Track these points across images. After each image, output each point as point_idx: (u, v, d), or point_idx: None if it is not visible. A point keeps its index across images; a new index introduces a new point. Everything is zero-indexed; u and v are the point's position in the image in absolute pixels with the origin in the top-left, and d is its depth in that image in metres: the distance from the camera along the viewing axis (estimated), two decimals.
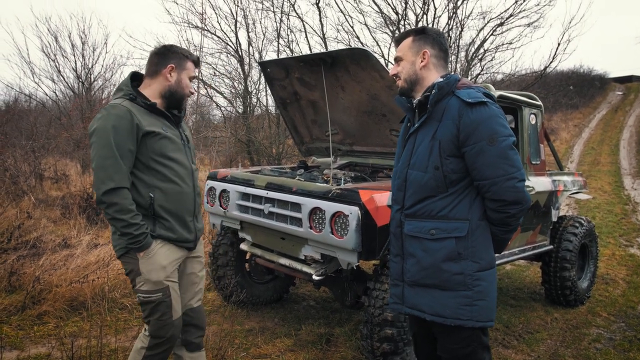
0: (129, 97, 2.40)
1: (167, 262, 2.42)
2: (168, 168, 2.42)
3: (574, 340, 4.12)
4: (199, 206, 2.63)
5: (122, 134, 2.28)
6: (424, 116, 2.06)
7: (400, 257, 2.16)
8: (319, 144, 4.58)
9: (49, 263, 4.66)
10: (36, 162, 9.32)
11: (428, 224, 2.04)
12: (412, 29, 2.22)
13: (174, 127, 2.53)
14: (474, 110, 1.93)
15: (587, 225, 5.06)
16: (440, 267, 2.01)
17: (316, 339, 3.88)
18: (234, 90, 9.99)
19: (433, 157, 2.00)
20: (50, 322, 3.96)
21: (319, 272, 3.40)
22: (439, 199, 2.02)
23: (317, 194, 3.25)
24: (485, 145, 1.91)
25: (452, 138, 1.96)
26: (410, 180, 2.09)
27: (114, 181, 2.25)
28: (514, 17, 10.27)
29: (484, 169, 1.94)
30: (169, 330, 2.45)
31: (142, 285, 2.39)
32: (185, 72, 2.49)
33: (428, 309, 2.06)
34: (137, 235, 2.30)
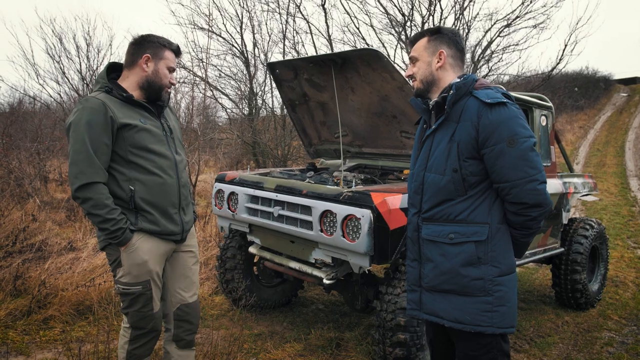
0: (105, 90, 2.36)
1: (150, 255, 2.40)
2: (148, 160, 2.38)
3: (586, 344, 4.07)
4: (186, 198, 2.59)
5: (95, 128, 2.24)
6: (441, 117, 2.02)
7: (417, 261, 2.12)
8: (327, 146, 4.54)
9: (54, 266, 4.61)
10: (41, 164, 9.30)
11: (447, 228, 2.00)
12: (428, 29, 2.17)
13: (154, 118, 2.47)
14: (493, 111, 1.89)
15: (597, 228, 5.01)
16: (459, 272, 1.97)
17: (326, 344, 3.83)
18: (239, 92, 9.96)
19: (451, 160, 1.96)
20: (57, 326, 3.91)
21: (329, 276, 3.36)
22: (458, 202, 1.98)
23: (328, 197, 3.20)
24: (505, 146, 1.86)
25: (471, 140, 1.92)
26: (427, 183, 2.05)
27: (86, 176, 2.22)
28: (520, 19, 10.24)
29: (504, 171, 1.89)
30: (150, 322, 2.44)
31: (122, 277, 2.37)
32: (163, 61, 2.43)
33: (447, 315, 2.02)
34: (114, 231, 2.27)
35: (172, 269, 2.61)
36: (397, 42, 10.24)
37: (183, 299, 2.63)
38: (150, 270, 2.40)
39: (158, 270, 2.46)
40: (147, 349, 2.51)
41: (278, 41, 9.93)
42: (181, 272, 2.64)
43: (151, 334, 2.48)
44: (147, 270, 2.39)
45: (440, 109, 2.03)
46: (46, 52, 13.87)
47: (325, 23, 10.46)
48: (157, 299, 2.47)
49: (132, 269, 2.36)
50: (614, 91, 35.54)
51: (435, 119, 2.07)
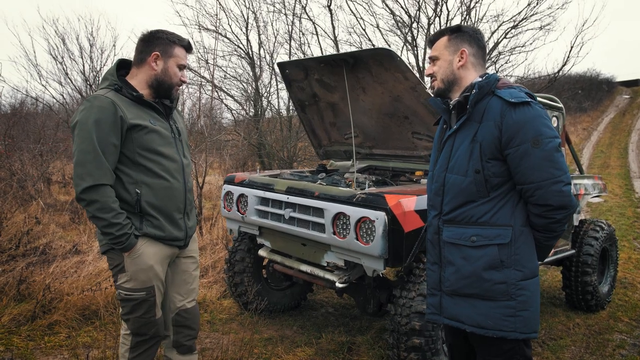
0: (114, 88, 2.26)
1: (154, 261, 2.32)
2: (156, 163, 2.30)
3: (598, 347, 4.03)
4: (190, 203, 2.53)
5: (104, 128, 2.15)
6: (463, 117, 1.97)
7: (437, 265, 2.07)
8: (337, 147, 4.48)
9: (59, 270, 4.53)
10: (44, 166, 9.24)
11: (469, 231, 1.95)
12: (448, 27, 2.11)
13: (164, 119, 2.39)
14: (517, 111, 1.83)
15: (607, 229, 4.99)
16: (482, 276, 1.91)
17: (337, 348, 3.77)
18: (245, 93, 9.92)
19: (473, 160, 1.91)
20: (62, 332, 3.83)
21: (342, 279, 3.30)
22: (480, 204, 1.93)
23: (341, 199, 3.14)
24: (530, 147, 1.81)
25: (494, 140, 1.87)
26: (449, 184, 1.99)
27: (94, 177, 2.13)
28: (526, 20, 10.21)
29: (528, 172, 1.84)
30: (152, 328, 2.37)
31: (125, 283, 2.30)
32: (173, 59, 2.34)
33: (468, 320, 1.97)
34: (119, 236, 2.19)
35: (172, 275, 2.55)
36: (404, 44, 10.20)
37: (182, 305, 2.57)
38: (156, 274, 2.34)
39: (162, 276, 2.40)
40: (149, 356, 2.44)
41: (284, 42, 9.94)
42: (181, 278, 2.58)
43: (153, 340, 2.42)
44: (154, 274, 2.33)
45: (462, 109, 1.98)
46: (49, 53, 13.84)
47: (331, 24, 10.45)
48: (159, 304, 2.41)
49: (137, 274, 2.29)
50: (616, 93, 35.59)
51: (457, 119, 2.02)
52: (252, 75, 9.86)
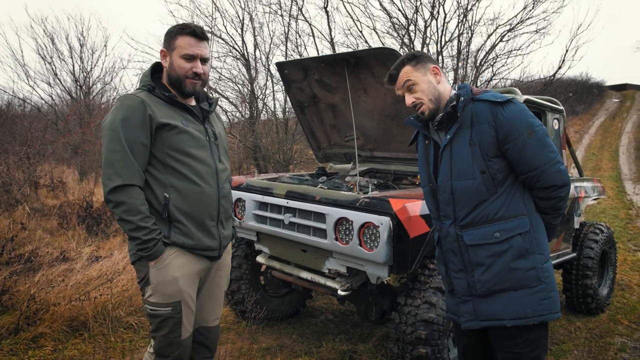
0: (147, 88, 2.19)
1: (181, 273, 2.16)
2: (186, 165, 2.17)
3: (600, 351, 3.98)
4: (226, 210, 2.36)
5: (133, 126, 2.06)
6: (455, 125, 2.04)
7: (463, 272, 2.09)
8: (337, 150, 4.36)
9: (45, 279, 4.30)
10: (31, 169, 9.01)
11: (490, 228, 2.01)
12: (400, 60, 2.14)
13: (198, 122, 2.27)
14: (506, 109, 1.97)
15: (607, 232, 4.97)
16: (511, 267, 1.99)
17: (339, 357, 3.64)
18: (240, 95, 9.78)
19: (477, 163, 2.00)
20: (48, 345, 3.62)
21: (344, 287, 3.18)
22: (492, 202, 2.01)
23: (343, 203, 3.03)
24: (526, 138, 1.95)
25: (492, 139, 1.98)
26: (458, 191, 2.05)
27: (122, 177, 2.03)
28: (522, 24, 10.22)
29: (531, 161, 1.97)
30: (176, 350, 2.21)
31: (151, 297, 2.16)
32: (175, 51, 2.18)
33: (508, 314, 2.01)
34: (146, 241, 2.06)
35: (200, 288, 2.37)
36: (400, 46, 10.12)
37: (204, 321, 2.40)
38: (181, 289, 2.17)
39: (190, 291, 2.22)
40: None
41: (280, 43, 9.77)
42: (209, 293, 2.40)
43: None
44: (178, 289, 2.16)
45: (450, 119, 2.07)
46: (37, 53, 13.62)
47: (328, 26, 10.37)
48: (187, 324, 2.23)
49: (160, 286, 2.14)
50: (606, 97, 36.14)
51: (447, 129, 2.09)
52: (247, 77, 9.71)
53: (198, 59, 2.20)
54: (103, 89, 14.15)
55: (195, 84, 2.24)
